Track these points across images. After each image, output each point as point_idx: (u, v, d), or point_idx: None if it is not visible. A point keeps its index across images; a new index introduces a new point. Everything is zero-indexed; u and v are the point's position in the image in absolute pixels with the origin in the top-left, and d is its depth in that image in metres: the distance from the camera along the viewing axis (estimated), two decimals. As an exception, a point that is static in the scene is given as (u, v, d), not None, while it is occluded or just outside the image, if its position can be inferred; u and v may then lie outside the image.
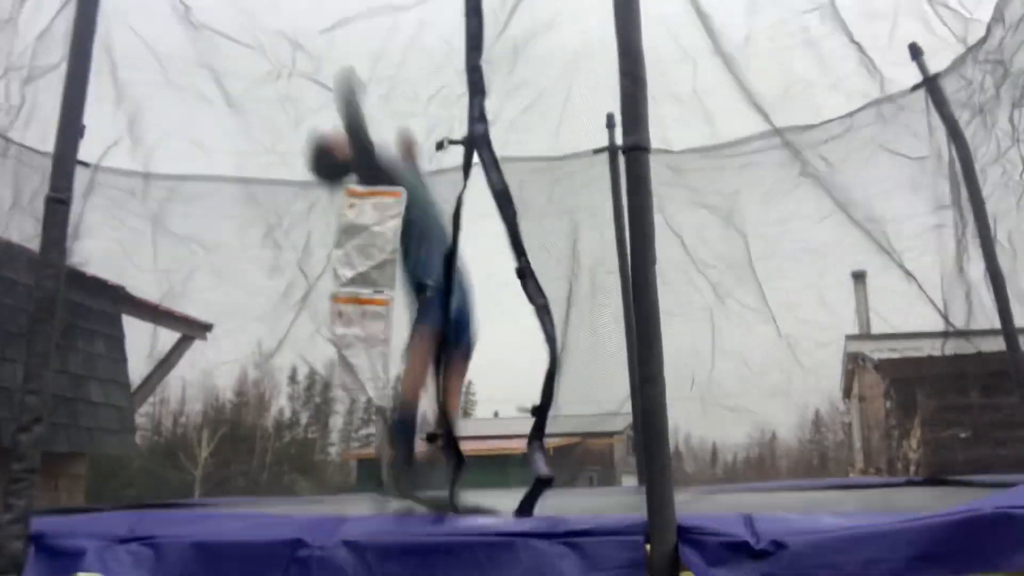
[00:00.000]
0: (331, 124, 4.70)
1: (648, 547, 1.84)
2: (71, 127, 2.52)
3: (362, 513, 2.65)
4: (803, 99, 4.24)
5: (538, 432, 2.29)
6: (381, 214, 4.69)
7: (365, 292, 4.59)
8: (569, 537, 1.91)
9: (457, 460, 2.52)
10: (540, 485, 2.21)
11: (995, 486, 2.84)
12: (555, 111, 4.71)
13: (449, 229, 2.82)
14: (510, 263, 2.48)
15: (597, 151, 5.32)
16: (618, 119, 5.34)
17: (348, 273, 4.63)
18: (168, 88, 4.18)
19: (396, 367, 4.64)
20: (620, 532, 1.89)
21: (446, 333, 3.39)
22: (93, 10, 2.59)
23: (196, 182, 5.12)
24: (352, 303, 4.60)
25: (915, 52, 4.23)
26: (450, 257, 2.80)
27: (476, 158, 2.59)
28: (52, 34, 3.43)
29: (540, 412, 2.29)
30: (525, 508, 2.22)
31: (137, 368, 6.08)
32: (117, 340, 5.73)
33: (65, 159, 2.50)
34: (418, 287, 3.65)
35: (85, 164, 4.11)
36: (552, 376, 2.37)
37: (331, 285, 4.75)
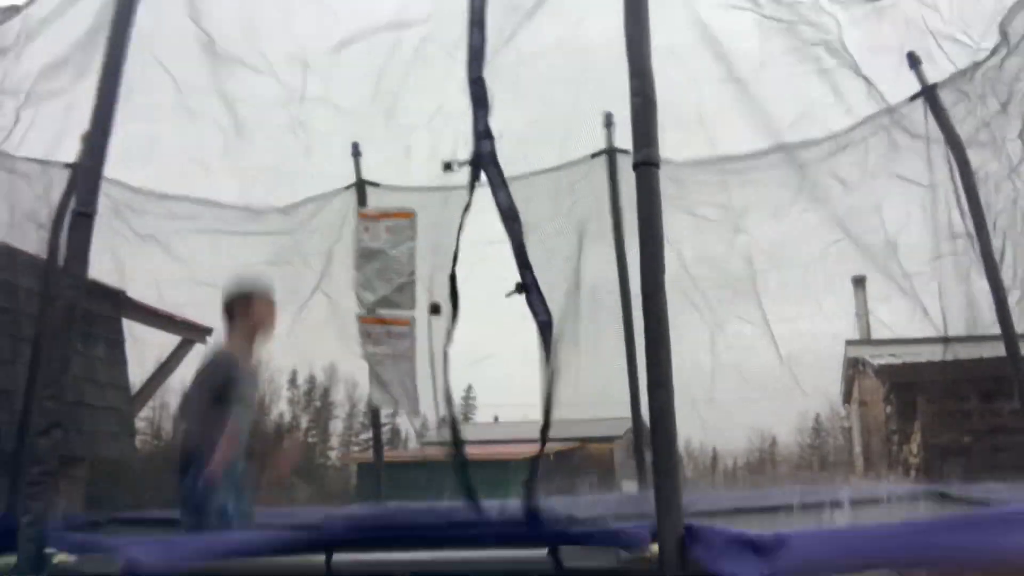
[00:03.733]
0: (339, 147, 4.76)
1: (655, 546, 1.86)
2: (98, 143, 2.57)
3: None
4: (818, 123, 4.27)
5: (535, 465, 2.31)
6: (395, 237, 4.82)
7: (387, 313, 4.76)
8: (574, 539, 1.93)
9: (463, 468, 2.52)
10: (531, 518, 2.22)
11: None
12: (561, 125, 4.75)
13: None
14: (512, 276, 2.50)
15: (595, 155, 5.36)
16: (617, 120, 5.37)
17: (369, 297, 4.79)
18: (180, 112, 4.21)
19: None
20: (627, 532, 1.91)
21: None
22: (125, 31, 2.65)
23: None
24: (377, 323, 4.76)
25: (913, 61, 4.26)
26: (452, 278, 2.80)
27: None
28: (63, 61, 3.47)
29: (541, 436, 2.31)
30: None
31: (137, 372, 6.09)
32: (117, 344, 5.73)
33: (91, 173, 2.56)
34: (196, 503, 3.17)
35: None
36: (549, 399, 2.39)
37: (354, 307, 4.89)
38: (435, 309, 3.04)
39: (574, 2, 3.72)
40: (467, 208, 2.64)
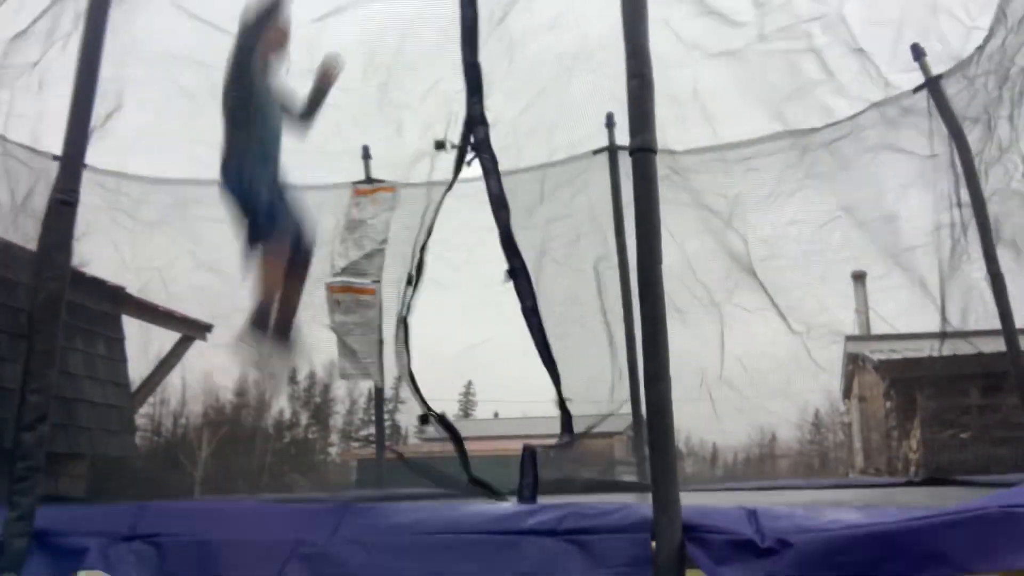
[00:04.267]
0: (332, 121, 4.71)
1: (654, 544, 1.84)
2: (79, 128, 2.52)
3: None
4: (811, 100, 4.25)
5: (566, 429, 2.34)
6: (378, 208, 4.84)
7: (356, 281, 4.77)
8: (575, 534, 1.91)
9: (454, 437, 2.55)
10: (526, 458, 2.25)
11: (996, 486, 2.84)
12: (553, 111, 4.71)
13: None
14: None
15: (597, 151, 5.33)
16: (617, 119, 5.36)
17: (341, 263, 4.80)
18: (152, 83, 4.15)
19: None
20: (626, 530, 1.89)
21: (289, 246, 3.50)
22: (104, 11, 2.59)
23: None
24: (345, 292, 4.76)
25: (917, 53, 4.25)
26: (421, 250, 2.81)
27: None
28: (32, 34, 3.39)
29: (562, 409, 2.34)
30: (526, 493, 2.25)
31: (137, 369, 6.07)
32: (117, 341, 5.71)
33: (72, 160, 2.50)
34: (247, 199, 3.52)
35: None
36: (556, 380, 2.40)
37: (328, 274, 4.87)
38: (410, 280, 3.07)
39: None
40: (450, 186, 2.65)
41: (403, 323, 2.81)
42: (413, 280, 2.82)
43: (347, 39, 3.92)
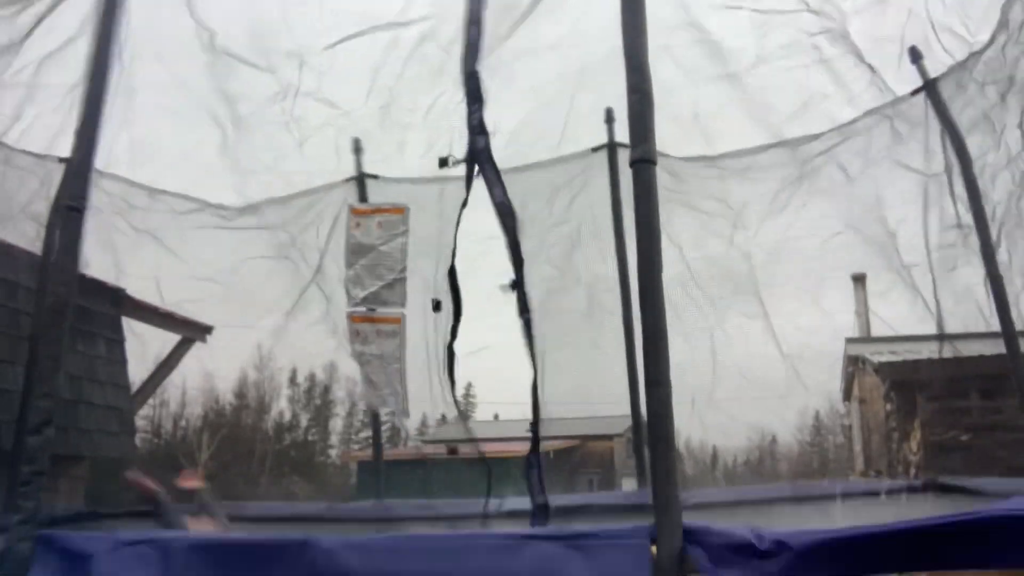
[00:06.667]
0: (332, 142, 4.74)
1: (654, 548, 1.85)
2: (88, 137, 2.54)
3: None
4: (819, 113, 4.26)
5: (533, 452, 2.34)
6: (387, 232, 4.76)
7: (379, 311, 4.68)
8: (576, 539, 1.92)
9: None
10: (538, 511, 2.26)
11: (998, 495, 2.84)
12: (557, 122, 4.72)
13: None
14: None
15: (596, 149, 5.33)
16: (616, 116, 5.33)
17: (359, 293, 4.71)
18: (178, 109, 4.20)
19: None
20: (626, 534, 1.90)
21: None
22: (113, 20, 2.62)
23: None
24: (366, 322, 4.68)
25: (915, 56, 4.26)
26: (452, 271, 2.79)
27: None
28: (61, 56, 3.45)
29: (533, 428, 2.34)
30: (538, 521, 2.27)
31: (137, 370, 6.08)
32: (117, 342, 5.72)
33: (82, 168, 2.52)
34: None
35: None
36: (535, 390, 2.42)
37: (344, 303, 4.85)
38: (437, 306, 3.03)
39: (572, 2, 3.70)
40: (464, 204, 2.64)
41: (450, 352, 2.77)
42: (452, 308, 2.75)
43: (351, 62, 3.93)
